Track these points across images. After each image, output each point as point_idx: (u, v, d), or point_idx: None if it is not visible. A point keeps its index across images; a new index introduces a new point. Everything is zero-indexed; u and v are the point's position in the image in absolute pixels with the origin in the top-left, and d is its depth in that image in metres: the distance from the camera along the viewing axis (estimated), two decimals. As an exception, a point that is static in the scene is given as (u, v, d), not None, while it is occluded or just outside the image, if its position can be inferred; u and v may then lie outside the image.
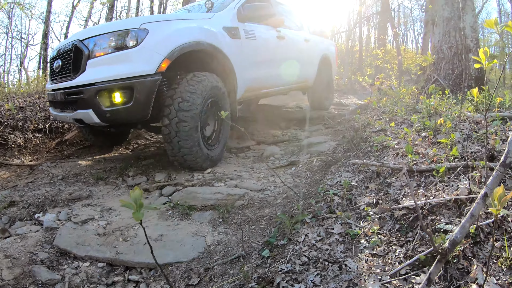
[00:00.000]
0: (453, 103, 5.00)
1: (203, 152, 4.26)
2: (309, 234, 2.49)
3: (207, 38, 4.45)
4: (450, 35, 6.90)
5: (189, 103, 4.02)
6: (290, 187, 3.40)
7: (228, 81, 4.98)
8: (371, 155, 3.89)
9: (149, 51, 3.83)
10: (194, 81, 4.16)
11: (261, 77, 5.78)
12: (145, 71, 3.80)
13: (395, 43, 18.31)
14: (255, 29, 5.54)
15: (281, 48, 6.37)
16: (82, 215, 3.33)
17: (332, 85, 9.71)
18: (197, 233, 2.99)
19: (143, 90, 3.78)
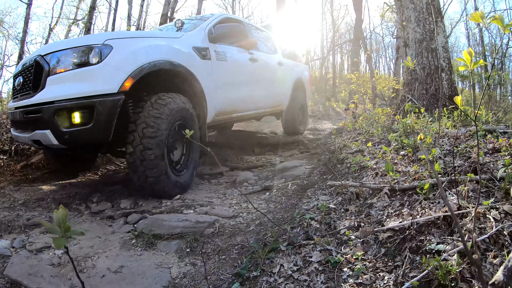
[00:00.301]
0: (429, 121, 4.91)
1: (171, 179, 3.96)
2: (285, 264, 2.21)
3: (175, 57, 4.22)
4: (423, 55, 6.97)
5: (154, 129, 3.74)
6: (263, 213, 3.14)
7: (197, 104, 4.73)
8: (349, 176, 3.68)
9: (112, 69, 3.57)
10: (159, 104, 3.89)
11: (233, 100, 5.54)
12: (107, 90, 3.54)
13: (369, 65, 18.51)
14: (227, 50, 5.35)
15: (253, 71, 6.17)
16: (38, 242, 3.04)
17: (307, 110, 9.53)
18: (162, 264, 2.71)
19: (104, 110, 3.51)
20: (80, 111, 3.50)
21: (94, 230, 3.35)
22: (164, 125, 3.83)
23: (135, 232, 3.21)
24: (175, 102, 4.07)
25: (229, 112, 5.54)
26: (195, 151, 4.55)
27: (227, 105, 5.40)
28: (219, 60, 5.06)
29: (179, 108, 4.11)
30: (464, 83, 25.76)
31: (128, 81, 3.62)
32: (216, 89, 4.97)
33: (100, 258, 2.76)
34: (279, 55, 7.75)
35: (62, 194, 4.36)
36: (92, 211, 3.88)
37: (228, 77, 5.34)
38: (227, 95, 5.31)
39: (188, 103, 4.36)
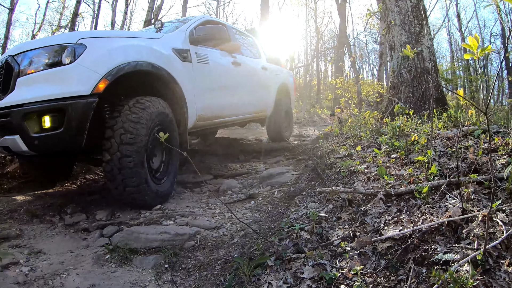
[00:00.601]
0: (418, 123, 4.76)
1: (152, 188, 3.69)
2: (273, 282, 1.95)
3: (153, 58, 3.97)
4: (409, 58, 6.93)
5: (133, 134, 3.48)
6: (247, 224, 2.87)
7: (177, 109, 4.47)
8: (339, 182, 3.46)
9: (84, 69, 3.31)
10: (138, 108, 3.63)
11: (215, 105, 5.29)
12: (79, 91, 3.28)
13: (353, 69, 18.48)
14: (209, 53, 5.11)
15: (236, 75, 5.94)
16: (5, 258, 2.74)
17: (291, 116, 9.28)
18: (137, 282, 2.45)
19: (76, 114, 3.25)
20: (50, 114, 3.25)
21: (66, 244, 3.10)
22: (143, 131, 3.58)
23: (110, 246, 2.95)
24: (154, 106, 3.83)
25: (211, 118, 5.29)
26: (175, 158, 4.31)
27: (209, 110, 5.16)
28: (200, 63, 4.83)
29: (158, 112, 3.87)
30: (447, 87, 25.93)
31: (102, 82, 3.38)
32: (197, 93, 4.74)
33: (70, 276, 2.50)
34: (263, 60, 7.56)
35: (36, 205, 4.12)
36: (66, 223, 3.61)
37: (210, 81, 5.11)
38: (209, 100, 5.08)
39: (168, 108, 4.13)
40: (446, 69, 17.68)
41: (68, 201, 4.16)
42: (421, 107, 6.60)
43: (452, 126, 4.49)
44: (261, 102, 7.12)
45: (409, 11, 6.90)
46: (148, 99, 3.83)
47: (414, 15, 6.88)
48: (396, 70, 7.11)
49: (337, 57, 20.64)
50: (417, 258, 1.86)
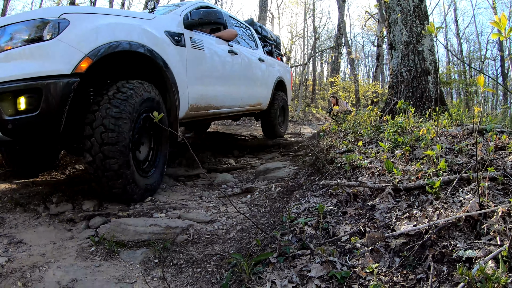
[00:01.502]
0: (419, 122, 4.66)
1: (140, 185, 3.46)
2: (277, 281, 1.75)
3: (144, 39, 3.66)
4: (409, 58, 6.94)
5: (115, 132, 3.17)
6: (247, 216, 2.67)
7: (168, 96, 4.15)
8: (341, 176, 3.28)
9: (66, 46, 2.97)
10: (119, 99, 3.28)
11: (209, 94, 4.97)
12: (58, 70, 2.93)
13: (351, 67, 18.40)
14: (204, 39, 4.82)
15: (233, 64, 5.65)
16: None
17: (287, 111, 8.98)
18: (123, 278, 2.26)
19: (53, 95, 2.90)
20: (26, 95, 2.91)
21: (49, 235, 2.89)
22: (126, 126, 3.27)
23: (96, 238, 2.76)
24: (138, 94, 3.49)
25: (204, 108, 4.97)
26: (164, 146, 4.03)
27: (202, 100, 4.86)
28: (194, 49, 4.53)
29: (144, 99, 3.56)
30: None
31: (85, 61, 3.05)
32: (190, 80, 4.43)
33: (50, 269, 2.30)
34: (260, 51, 7.31)
35: (21, 194, 3.87)
36: (50, 212, 3.40)
37: (205, 68, 4.82)
38: (202, 88, 4.78)
39: (154, 91, 3.80)
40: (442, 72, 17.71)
41: (54, 190, 3.94)
42: (420, 107, 6.57)
43: (456, 124, 4.39)
44: (257, 94, 6.86)
45: (411, 11, 6.86)
46: (131, 86, 3.48)
47: (416, 14, 6.84)
48: (396, 69, 7.07)
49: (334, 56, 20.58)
50: (436, 255, 1.68)
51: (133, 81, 3.54)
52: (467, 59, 30.12)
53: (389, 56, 7.61)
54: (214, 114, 5.51)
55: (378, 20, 19.31)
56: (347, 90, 15.09)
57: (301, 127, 13.91)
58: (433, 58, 6.86)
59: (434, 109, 4.95)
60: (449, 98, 24.60)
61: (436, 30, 2.43)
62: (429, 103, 6.59)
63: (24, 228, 3.04)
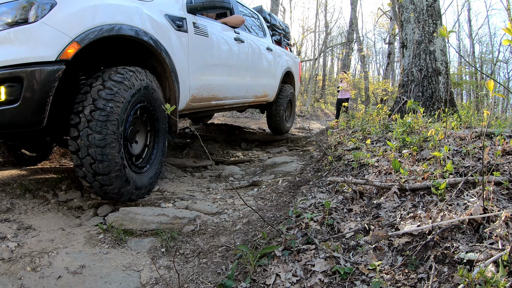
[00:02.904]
0: (428, 122, 4.66)
1: (129, 179, 3.13)
2: (282, 274, 1.79)
3: (141, 23, 3.32)
4: (421, 57, 6.90)
5: (106, 112, 2.87)
6: (254, 209, 2.71)
7: (167, 86, 3.86)
8: (348, 174, 3.30)
9: (51, 30, 2.62)
10: (114, 81, 3.00)
11: (212, 84, 4.61)
12: (41, 56, 2.59)
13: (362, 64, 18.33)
14: (208, 24, 4.45)
15: (239, 52, 5.30)
16: None
17: (295, 105, 8.63)
18: (130, 266, 2.29)
19: (35, 84, 2.58)
20: (6, 84, 2.58)
21: (58, 221, 2.92)
22: (118, 109, 2.96)
23: (104, 226, 2.79)
24: (137, 78, 3.22)
25: (207, 99, 4.63)
26: (162, 142, 3.75)
27: (205, 90, 4.51)
28: (198, 35, 4.17)
29: (142, 86, 3.27)
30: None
31: (71, 46, 2.70)
32: (192, 69, 4.12)
33: (59, 255, 2.33)
34: (268, 40, 6.94)
35: (30, 180, 3.90)
36: (59, 199, 3.42)
37: (208, 56, 4.47)
38: (205, 78, 4.44)
39: (155, 82, 3.53)
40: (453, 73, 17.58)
41: (63, 178, 3.94)
42: (430, 107, 6.55)
43: (464, 126, 4.39)
44: (264, 85, 6.51)
45: (424, 10, 6.82)
46: (130, 70, 3.20)
47: (429, 14, 6.80)
48: (407, 68, 7.04)
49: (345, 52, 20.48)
50: (438, 256, 1.72)
51: (125, 68, 3.20)
52: (479, 61, 29.85)
53: (401, 55, 7.58)
54: (218, 106, 5.19)
55: (390, 18, 19.18)
56: (357, 87, 15.02)
57: (310, 122, 13.89)
58: (444, 58, 6.83)
59: (443, 110, 4.96)
60: (459, 99, 24.45)
61: (448, 33, 2.45)
62: (439, 103, 6.58)
63: (33, 214, 3.07)
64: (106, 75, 3.04)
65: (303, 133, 8.86)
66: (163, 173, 4.33)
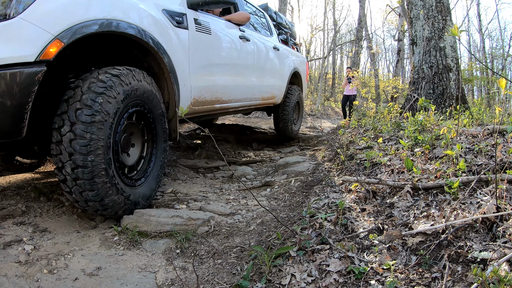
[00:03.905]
0: (440, 120, 4.64)
1: (123, 197, 2.83)
2: (297, 274, 1.81)
3: (136, 19, 2.98)
4: (431, 54, 6.85)
5: (86, 139, 2.49)
6: (268, 210, 2.73)
7: (166, 88, 3.55)
8: (360, 173, 3.31)
9: (29, 26, 2.28)
10: (94, 92, 2.56)
11: (216, 86, 4.29)
12: (18, 57, 2.24)
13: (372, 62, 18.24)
14: (211, 21, 4.13)
15: (244, 52, 5.00)
16: (8, 235, 2.61)
17: (302, 107, 8.29)
18: (146, 267, 2.31)
19: (12, 89, 2.22)
20: None
21: (73, 224, 2.95)
22: (103, 131, 2.58)
23: (118, 228, 2.80)
24: (125, 82, 2.81)
25: (210, 102, 4.28)
26: (160, 151, 3.39)
27: (208, 92, 4.17)
28: (199, 32, 3.86)
29: (132, 90, 2.88)
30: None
31: (53, 45, 2.35)
32: (193, 69, 3.79)
33: (75, 257, 2.36)
34: (275, 39, 6.67)
35: (44, 183, 3.94)
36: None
37: (211, 55, 4.16)
38: (208, 78, 4.13)
39: (147, 80, 3.12)
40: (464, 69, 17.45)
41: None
42: (441, 104, 6.52)
43: (476, 124, 4.37)
44: (271, 87, 6.19)
45: (433, 6, 6.78)
46: (115, 73, 2.77)
47: (438, 10, 6.75)
48: (417, 65, 7.01)
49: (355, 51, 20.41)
50: (452, 255, 1.73)
51: (118, 68, 2.85)
52: (489, 56, 29.56)
53: (411, 52, 7.54)
54: (222, 109, 4.85)
55: (399, 14, 19.06)
56: (367, 85, 14.95)
57: (320, 121, 13.89)
58: (455, 54, 6.79)
59: (455, 107, 4.94)
60: (470, 95, 24.25)
61: (459, 32, 2.45)
62: (450, 100, 6.54)
63: (49, 217, 3.09)
64: (85, 86, 2.61)
65: (314, 132, 8.86)
66: (176, 174, 4.36)
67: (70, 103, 2.53)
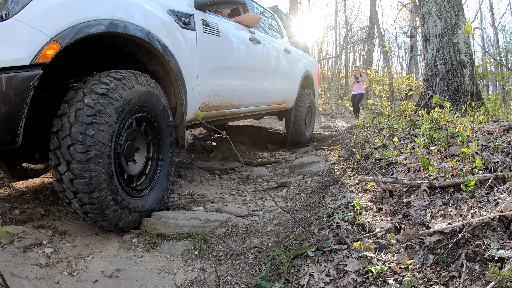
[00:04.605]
0: (455, 117, 4.61)
1: (126, 210, 2.71)
2: (315, 274, 1.83)
3: (140, 19, 2.84)
4: (444, 50, 6.78)
5: (84, 145, 2.33)
6: (286, 210, 2.75)
7: (172, 92, 3.39)
8: (376, 172, 3.31)
9: (24, 27, 2.13)
10: (92, 99, 2.40)
11: (225, 90, 4.12)
12: (12, 60, 2.10)
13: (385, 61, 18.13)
14: (220, 22, 3.99)
15: (255, 54, 4.82)
16: (28, 238, 2.65)
17: (314, 111, 8.04)
18: (165, 269, 2.34)
19: (6, 95, 2.08)
20: None
21: (91, 227, 3.00)
22: (103, 136, 2.42)
23: (137, 230, 2.84)
24: (127, 86, 2.64)
25: (219, 106, 4.09)
26: (167, 159, 3.24)
27: (217, 96, 4.00)
28: (207, 33, 3.70)
29: (136, 95, 2.72)
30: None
31: (50, 47, 2.21)
32: (201, 72, 3.63)
33: (94, 259, 2.40)
34: (286, 41, 6.50)
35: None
36: (92, 205, 3.53)
37: (220, 58, 4.01)
38: (217, 82, 3.96)
39: (151, 84, 2.94)
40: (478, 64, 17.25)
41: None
42: (456, 101, 6.46)
43: (492, 120, 4.34)
44: (282, 90, 5.99)
45: (445, 1, 6.74)
46: (116, 76, 2.61)
47: (450, 5, 6.70)
48: (431, 62, 6.95)
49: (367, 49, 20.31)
50: (469, 254, 1.73)
51: (119, 72, 2.69)
52: (503, 51, 29.13)
53: (424, 49, 7.49)
54: (232, 114, 4.66)
55: (411, 10, 18.93)
56: (380, 83, 14.90)
57: (335, 120, 13.87)
58: (468, 50, 6.73)
59: (470, 103, 4.90)
60: (485, 91, 23.94)
61: (473, 30, 2.45)
62: (465, 97, 6.49)
63: (67, 220, 3.13)
64: (90, 85, 2.49)
65: (329, 132, 8.84)
66: (192, 176, 4.39)
67: (70, 104, 2.40)
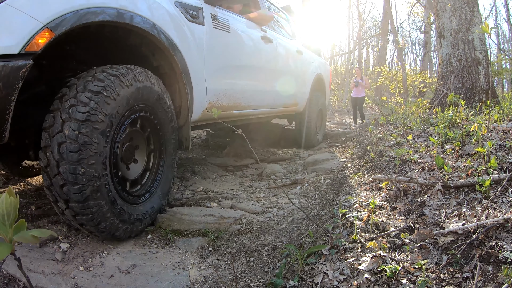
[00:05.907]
0: (470, 115, 4.58)
1: (123, 219, 2.48)
2: (329, 272, 1.84)
3: (143, 9, 2.59)
4: (459, 47, 6.72)
5: (76, 150, 2.10)
6: (300, 208, 2.77)
7: (177, 90, 3.15)
8: (390, 170, 3.31)
9: (14, 12, 1.89)
10: (85, 99, 2.16)
11: (234, 90, 3.88)
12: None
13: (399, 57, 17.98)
14: (230, 18, 3.76)
15: (266, 54, 4.58)
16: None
17: (325, 115, 7.84)
18: (180, 265, 2.36)
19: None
20: None
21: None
22: (97, 139, 2.19)
23: (152, 226, 2.86)
24: (125, 83, 2.40)
25: (227, 107, 3.83)
26: (169, 163, 3.01)
27: (226, 96, 3.75)
28: (217, 29, 3.47)
29: (135, 92, 2.48)
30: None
31: (42, 34, 1.98)
32: (209, 70, 3.38)
33: (110, 255, 2.42)
34: (298, 42, 6.20)
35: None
36: (106, 200, 3.56)
37: (230, 55, 3.78)
38: (226, 81, 3.73)
39: (151, 80, 2.67)
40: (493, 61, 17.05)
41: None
42: (470, 98, 6.42)
43: (507, 119, 4.30)
44: (294, 92, 5.74)
45: (460, -3, 6.66)
46: (112, 72, 2.36)
47: (465, 1, 6.65)
48: (446, 59, 6.90)
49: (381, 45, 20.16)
50: (483, 255, 1.74)
51: (116, 67, 2.44)
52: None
53: (438, 45, 7.43)
54: (241, 116, 4.38)
55: (424, 6, 18.74)
56: (394, 80, 14.74)
57: (348, 116, 13.83)
58: (483, 47, 6.67)
59: (485, 101, 4.87)
60: (500, 88, 23.58)
61: (490, 30, 2.44)
62: (480, 94, 6.44)
63: None
64: (85, 80, 2.27)
65: (342, 129, 8.82)
66: (205, 173, 4.42)
67: (65, 98, 2.18)
